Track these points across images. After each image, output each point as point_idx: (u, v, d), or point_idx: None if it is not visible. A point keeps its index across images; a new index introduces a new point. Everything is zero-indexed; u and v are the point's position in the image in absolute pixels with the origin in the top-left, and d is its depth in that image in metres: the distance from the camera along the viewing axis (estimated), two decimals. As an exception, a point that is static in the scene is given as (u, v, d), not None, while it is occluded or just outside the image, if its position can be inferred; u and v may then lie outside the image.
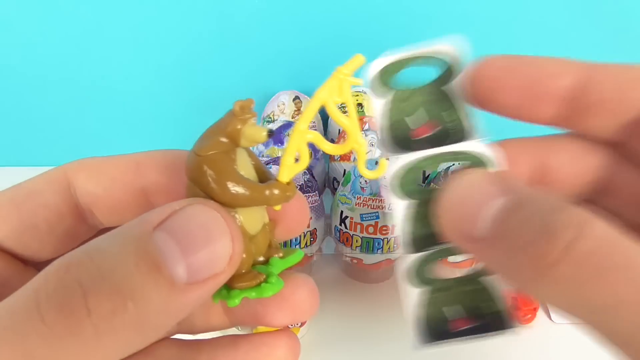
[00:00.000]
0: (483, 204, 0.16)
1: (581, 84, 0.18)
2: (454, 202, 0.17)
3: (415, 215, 0.20)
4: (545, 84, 0.18)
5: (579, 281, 0.14)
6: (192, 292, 0.14)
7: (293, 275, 0.18)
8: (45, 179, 0.19)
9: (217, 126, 0.16)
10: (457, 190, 0.17)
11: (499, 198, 0.16)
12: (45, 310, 0.12)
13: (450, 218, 0.17)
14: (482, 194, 0.16)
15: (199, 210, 0.15)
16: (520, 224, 0.15)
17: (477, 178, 0.17)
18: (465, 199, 0.17)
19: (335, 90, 0.16)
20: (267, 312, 0.18)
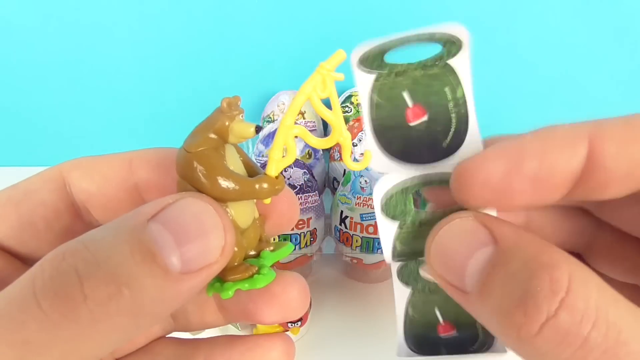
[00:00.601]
0: (470, 255, 0.16)
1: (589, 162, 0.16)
2: (441, 252, 0.17)
3: (404, 235, 0.20)
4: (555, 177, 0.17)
5: (559, 357, 0.14)
6: (186, 281, 0.14)
7: (284, 274, 0.18)
8: (41, 178, 0.19)
9: (206, 123, 0.16)
10: (445, 238, 0.17)
11: (485, 248, 0.16)
12: (42, 297, 0.13)
13: (439, 268, 0.17)
14: (469, 244, 0.16)
15: (191, 202, 0.15)
16: (504, 283, 0.15)
17: (464, 224, 0.17)
18: (452, 249, 0.17)
19: (319, 85, 0.16)
20: (258, 309, 0.18)
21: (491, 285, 0.15)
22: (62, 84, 0.65)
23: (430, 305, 0.21)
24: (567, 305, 0.13)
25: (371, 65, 0.18)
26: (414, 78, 0.18)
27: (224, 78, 0.65)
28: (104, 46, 0.62)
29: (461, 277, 0.16)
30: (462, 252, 0.16)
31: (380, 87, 0.19)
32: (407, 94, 0.19)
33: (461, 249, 0.16)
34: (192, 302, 0.20)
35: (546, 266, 0.14)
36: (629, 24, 0.60)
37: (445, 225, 0.17)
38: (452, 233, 0.17)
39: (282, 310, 0.18)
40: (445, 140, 0.19)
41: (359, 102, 0.59)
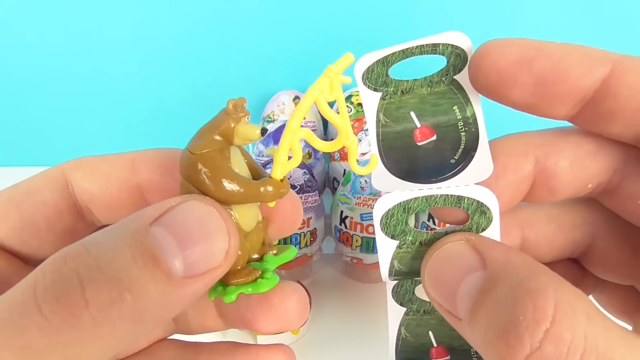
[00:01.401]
0: (459, 280, 0.16)
1: (603, 86, 0.16)
2: (434, 277, 0.17)
3: (403, 255, 0.19)
4: (563, 85, 0.16)
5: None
6: (189, 285, 0.14)
7: (283, 284, 0.18)
8: (43, 177, 0.19)
9: (211, 125, 0.16)
10: (436, 263, 0.17)
11: (475, 273, 0.16)
12: (43, 302, 0.13)
13: (433, 293, 0.17)
14: (459, 269, 0.16)
15: (195, 205, 0.15)
16: (491, 311, 0.15)
17: (455, 249, 0.17)
18: (444, 275, 0.17)
19: (326, 88, 0.16)
20: (255, 319, 0.18)
21: (479, 312, 0.15)
22: (63, 83, 0.65)
23: (425, 327, 0.20)
24: (552, 335, 0.13)
25: (376, 83, 0.18)
26: (420, 96, 0.18)
27: (225, 78, 0.65)
28: (105, 46, 0.62)
29: (453, 303, 0.16)
30: (452, 277, 0.16)
31: (387, 107, 0.18)
32: (415, 115, 0.18)
33: (452, 274, 0.16)
34: (192, 307, 0.20)
35: (531, 293, 0.14)
36: (629, 23, 0.60)
37: (437, 250, 0.18)
38: (443, 258, 0.17)
39: (280, 321, 0.18)
40: (454, 157, 0.19)
41: (359, 102, 0.59)
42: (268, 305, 0.18)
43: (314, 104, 0.16)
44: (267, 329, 0.18)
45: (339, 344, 0.42)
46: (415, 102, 0.18)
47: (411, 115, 0.18)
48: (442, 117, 0.18)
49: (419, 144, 0.19)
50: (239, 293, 0.16)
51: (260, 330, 0.18)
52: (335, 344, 0.42)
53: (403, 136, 0.19)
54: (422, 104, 0.18)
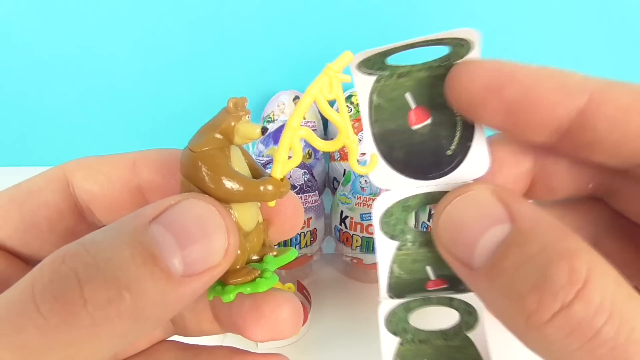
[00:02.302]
0: (483, 230, 0.15)
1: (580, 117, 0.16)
2: (453, 222, 0.16)
3: (403, 258, 0.19)
4: (534, 114, 0.16)
5: (567, 347, 0.13)
6: (188, 284, 0.14)
7: (276, 294, 0.18)
8: (44, 178, 0.19)
9: (212, 123, 0.16)
10: (457, 209, 0.16)
11: (500, 225, 0.15)
12: (41, 301, 0.13)
13: (446, 240, 0.16)
14: (484, 219, 0.15)
15: (194, 204, 0.15)
16: (518, 265, 0.14)
17: (480, 197, 0.16)
18: (465, 222, 0.16)
19: (325, 87, 0.16)
20: (247, 326, 0.18)
21: (503, 266, 0.14)
22: (64, 83, 0.65)
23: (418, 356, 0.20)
24: (583, 296, 0.13)
25: (372, 67, 0.17)
26: (417, 79, 0.17)
27: (225, 78, 0.65)
28: (105, 46, 0.62)
29: (470, 253, 0.15)
30: (474, 226, 0.15)
31: (381, 89, 0.18)
32: (410, 96, 0.18)
33: (474, 223, 0.16)
34: (188, 310, 0.20)
35: (566, 254, 0.14)
36: (628, 23, 0.60)
37: (460, 196, 0.16)
38: (465, 204, 0.16)
39: (271, 331, 0.18)
40: (450, 147, 0.18)
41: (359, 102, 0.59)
42: (259, 314, 0.17)
43: (313, 103, 0.16)
44: (258, 338, 0.18)
45: (339, 344, 0.42)
46: (411, 84, 0.18)
47: (406, 97, 0.18)
48: (438, 99, 0.17)
49: (414, 127, 0.18)
50: (238, 292, 0.16)
51: (252, 338, 0.18)
52: (335, 344, 0.42)
53: (397, 117, 0.18)
54: (419, 87, 0.17)
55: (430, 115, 0.18)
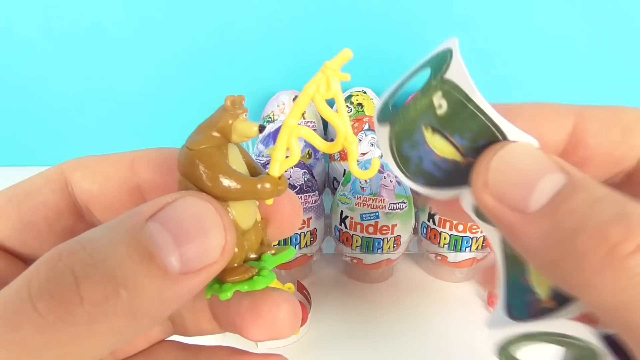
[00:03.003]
0: (541, 175, 0.15)
1: (573, 138, 0.18)
2: (507, 164, 0.16)
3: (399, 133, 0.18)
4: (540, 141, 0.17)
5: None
6: (185, 282, 0.14)
7: (274, 293, 0.18)
8: (43, 177, 0.19)
9: (209, 121, 0.16)
10: (511, 156, 0.16)
11: (557, 174, 0.15)
12: (38, 299, 0.12)
13: (498, 181, 0.16)
14: (541, 165, 0.15)
15: (191, 201, 0.15)
16: (590, 203, 0.14)
17: (535, 150, 0.16)
18: (521, 166, 0.16)
19: (323, 85, 0.16)
20: (245, 326, 0.17)
21: (571, 204, 0.14)
22: (63, 83, 0.65)
23: None
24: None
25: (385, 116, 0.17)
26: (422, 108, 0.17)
27: (225, 78, 0.65)
28: (105, 46, 0.62)
29: (527, 194, 0.15)
30: (533, 170, 0.15)
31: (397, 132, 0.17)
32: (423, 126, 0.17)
33: (532, 168, 0.15)
34: (187, 309, 0.20)
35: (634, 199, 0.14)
36: (628, 24, 0.60)
37: (512, 144, 0.16)
38: (521, 152, 0.16)
39: (268, 330, 0.18)
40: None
41: (359, 102, 0.59)
42: (257, 314, 0.17)
43: (311, 103, 0.16)
44: (256, 337, 0.18)
45: (339, 344, 0.42)
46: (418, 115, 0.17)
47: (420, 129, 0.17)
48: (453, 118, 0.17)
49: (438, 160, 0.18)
50: (235, 290, 0.16)
51: (249, 338, 0.18)
52: (335, 344, 0.42)
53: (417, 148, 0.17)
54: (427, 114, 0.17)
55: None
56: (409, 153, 0.17)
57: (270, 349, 0.41)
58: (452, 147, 0.17)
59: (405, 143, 0.17)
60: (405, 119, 0.17)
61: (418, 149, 0.17)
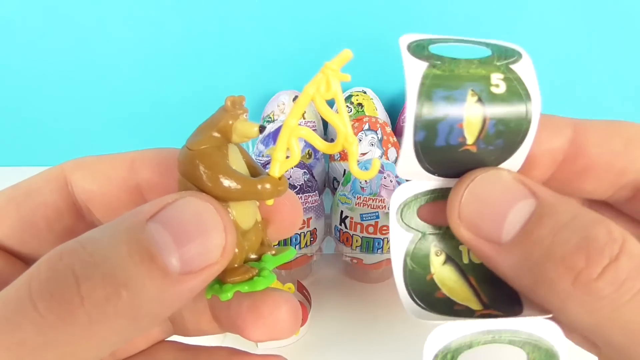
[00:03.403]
0: (511, 204, 0.16)
1: (573, 147, 0.18)
2: (478, 198, 0.16)
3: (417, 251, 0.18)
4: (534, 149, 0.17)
5: (618, 301, 0.14)
6: (186, 282, 0.14)
7: (275, 294, 0.18)
8: (43, 177, 0.19)
9: (209, 122, 0.16)
10: (481, 186, 0.16)
11: (526, 200, 0.15)
12: (38, 299, 0.13)
13: (471, 215, 0.16)
14: (510, 194, 0.16)
15: (191, 202, 0.15)
16: (555, 231, 0.15)
17: (502, 176, 0.16)
18: (491, 198, 0.16)
19: (323, 86, 0.15)
20: (245, 326, 0.18)
21: (539, 234, 0.15)
22: (63, 83, 0.65)
23: None
24: (626, 251, 0.14)
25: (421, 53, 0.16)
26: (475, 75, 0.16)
27: (225, 78, 0.65)
28: (104, 46, 0.62)
29: (498, 226, 0.16)
30: (503, 201, 0.16)
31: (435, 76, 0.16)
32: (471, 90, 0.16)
33: (502, 198, 0.16)
34: (187, 310, 0.20)
35: (598, 219, 0.14)
36: (628, 25, 0.60)
37: (482, 174, 0.17)
38: (490, 182, 0.16)
39: (269, 331, 0.18)
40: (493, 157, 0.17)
41: (359, 102, 0.59)
42: (258, 315, 0.17)
43: (312, 103, 0.16)
44: (257, 338, 0.18)
45: (339, 344, 0.42)
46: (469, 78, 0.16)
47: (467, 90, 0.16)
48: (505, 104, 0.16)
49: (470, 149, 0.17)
50: (235, 291, 0.16)
51: (250, 339, 0.18)
52: (335, 344, 0.42)
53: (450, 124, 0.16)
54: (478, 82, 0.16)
55: None
56: (438, 103, 0.16)
57: (270, 349, 0.41)
58: (480, 127, 0.16)
59: (441, 90, 0.16)
60: (453, 71, 0.16)
61: (451, 105, 0.16)
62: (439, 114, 0.16)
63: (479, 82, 0.16)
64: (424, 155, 0.17)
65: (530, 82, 0.16)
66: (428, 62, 0.16)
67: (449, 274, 0.18)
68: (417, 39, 0.17)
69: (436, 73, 0.16)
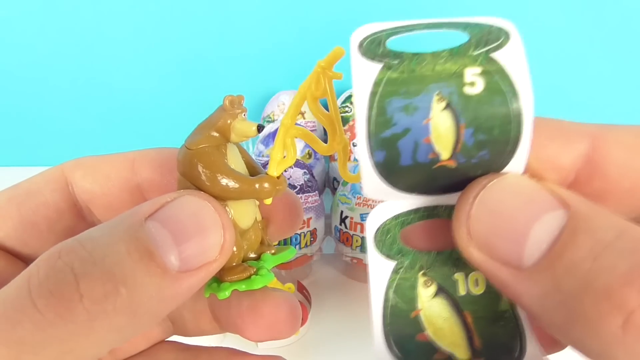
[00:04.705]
0: (535, 218, 0.12)
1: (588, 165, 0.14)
2: (492, 212, 0.13)
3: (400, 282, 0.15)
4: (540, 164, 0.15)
5: None
6: (185, 280, 0.14)
7: (275, 294, 0.18)
8: (44, 178, 0.19)
9: (208, 121, 0.16)
10: (496, 196, 0.13)
11: (554, 211, 0.12)
12: (37, 296, 0.13)
13: (485, 234, 0.13)
14: (532, 205, 0.12)
15: (190, 200, 0.15)
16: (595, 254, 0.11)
17: (521, 182, 0.13)
18: (508, 211, 0.13)
19: (314, 84, 0.15)
20: (245, 326, 0.18)
21: (572, 256, 0.11)
22: (63, 83, 0.65)
23: None
24: None
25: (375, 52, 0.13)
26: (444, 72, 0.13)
27: (225, 78, 0.65)
28: (105, 46, 0.62)
29: (519, 247, 0.12)
30: (523, 214, 0.12)
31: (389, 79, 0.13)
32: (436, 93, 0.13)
33: (522, 210, 0.12)
34: (187, 310, 0.20)
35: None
36: (627, 28, 0.60)
37: (494, 180, 0.13)
38: (506, 190, 0.13)
39: (269, 331, 0.18)
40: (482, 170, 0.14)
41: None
42: (258, 314, 0.17)
43: None
44: (257, 338, 0.18)
45: (339, 344, 0.42)
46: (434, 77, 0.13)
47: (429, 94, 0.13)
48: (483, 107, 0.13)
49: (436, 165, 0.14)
50: (233, 290, 0.16)
51: (250, 338, 0.18)
52: (335, 344, 0.42)
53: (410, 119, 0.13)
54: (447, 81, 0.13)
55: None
56: (395, 114, 0.13)
57: (270, 349, 0.41)
58: (453, 139, 0.13)
59: (397, 98, 0.13)
60: (413, 71, 0.13)
61: (411, 116, 0.13)
62: (396, 129, 0.13)
63: (448, 81, 0.13)
64: (391, 177, 0.14)
65: (518, 74, 0.13)
66: (382, 63, 0.13)
67: (440, 310, 0.15)
68: (371, 33, 0.14)
69: (392, 77, 0.13)
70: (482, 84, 0.13)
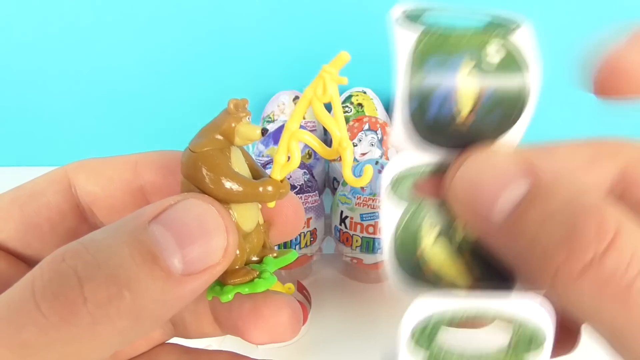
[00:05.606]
0: (501, 188, 0.15)
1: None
2: (468, 183, 0.16)
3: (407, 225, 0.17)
4: None
5: (599, 302, 0.13)
6: (188, 283, 0.14)
7: (276, 296, 0.18)
8: (46, 179, 0.19)
9: (212, 124, 0.16)
10: (475, 166, 0.16)
11: (519, 181, 0.15)
12: (41, 299, 0.13)
13: (463, 195, 0.16)
14: (502, 176, 0.15)
15: (193, 203, 0.15)
16: (541, 220, 0.14)
17: (498, 156, 0.16)
18: (483, 179, 0.15)
19: (320, 89, 0.16)
20: (247, 328, 0.18)
21: (526, 222, 0.14)
22: (65, 84, 0.65)
23: None
24: (614, 248, 0.12)
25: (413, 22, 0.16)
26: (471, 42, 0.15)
27: (225, 78, 0.65)
28: (105, 46, 0.62)
29: (489, 208, 0.15)
30: (493, 185, 0.15)
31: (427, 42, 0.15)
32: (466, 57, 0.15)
33: (492, 181, 0.15)
34: (188, 312, 0.20)
35: (591, 208, 0.13)
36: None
37: (474, 155, 0.16)
38: (481, 163, 0.16)
39: (270, 333, 0.18)
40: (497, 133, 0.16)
41: (359, 102, 0.59)
42: (259, 317, 0.17)
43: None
44: (258, 340, 0.18)
45: (339, 344, 0.42)
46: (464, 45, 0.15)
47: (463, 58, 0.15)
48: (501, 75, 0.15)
49: None
50: (236, 293, 0.17)
51: (251, 341, 0.18)
52: (335, 344, 0.43)
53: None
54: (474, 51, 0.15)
55: None
56: (431, 70, 0.15)
57: (270, 350, 0.41)
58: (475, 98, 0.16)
59: (435, 57, 0.15)
60: (448, 37, 0.15)
61: (445, 73, 0.15)
62: (431, 82, 0.15)
63: (476, 49, 0.15)
64: (418, 126, 0.16)
65: (529, 51, 0.15)
66: (423, 28, 0.16)
67: (441, 250, 0.17)
68: (410, 8, 0.16)
69: (430, 39, 0.15)
70: (501, 56, 0.15)
